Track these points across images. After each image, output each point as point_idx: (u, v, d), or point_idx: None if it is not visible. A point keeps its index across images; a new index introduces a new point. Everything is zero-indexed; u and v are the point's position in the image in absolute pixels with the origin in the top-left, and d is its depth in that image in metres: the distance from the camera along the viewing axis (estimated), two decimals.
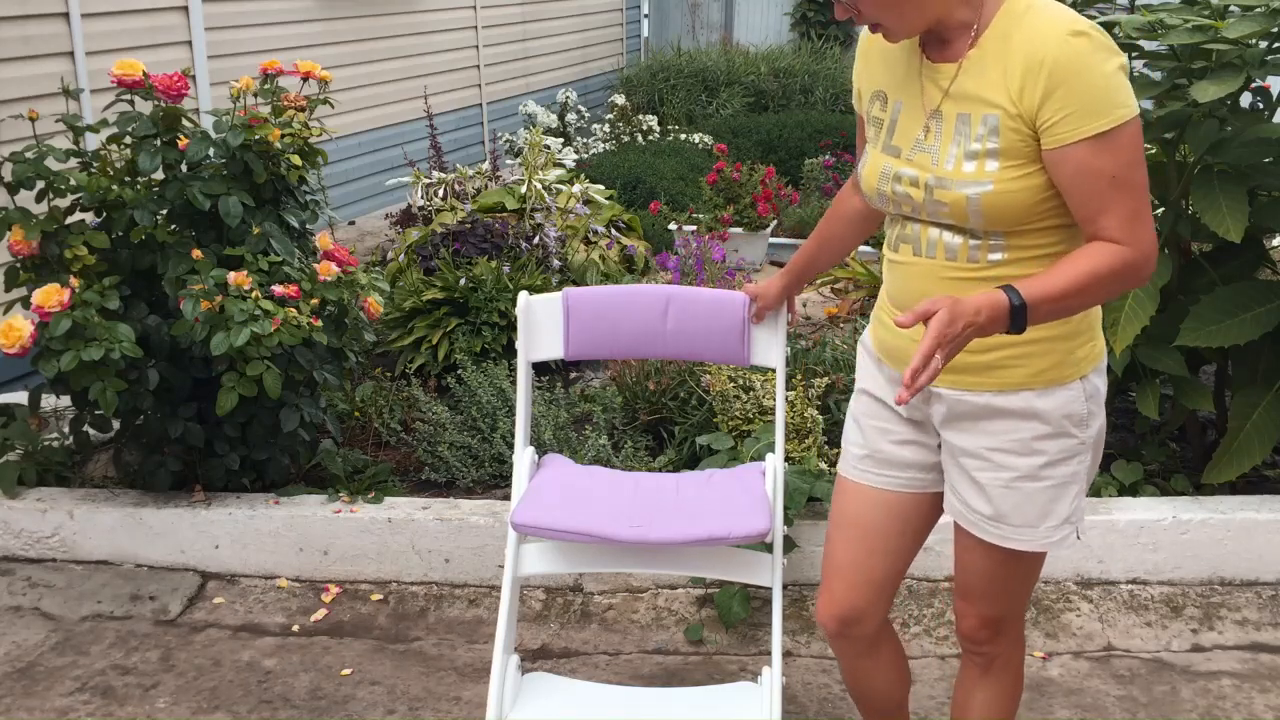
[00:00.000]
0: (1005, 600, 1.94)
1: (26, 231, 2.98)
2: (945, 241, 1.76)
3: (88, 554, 3.22)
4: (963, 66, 1.71)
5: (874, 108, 1.86)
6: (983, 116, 1.68)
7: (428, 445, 3.48)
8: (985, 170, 1.68)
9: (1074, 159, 1.62)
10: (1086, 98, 1.59)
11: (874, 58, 1.88)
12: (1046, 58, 1.60)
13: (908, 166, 1.77)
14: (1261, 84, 3.03)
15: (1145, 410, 3.10)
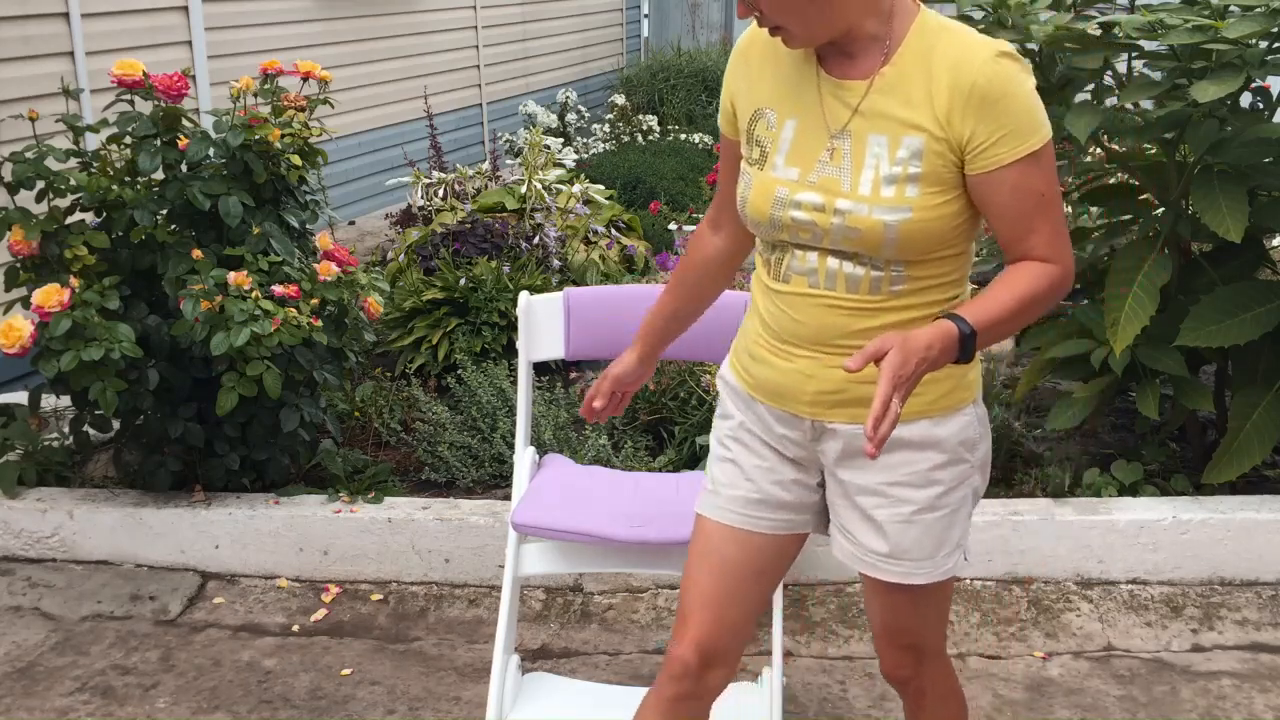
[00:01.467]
0: (921, 631, 1.85)
1: (26, 231, 2.98)
2: (847, 273, 1.66)
3: (88, 554, 3.22)
4: (875, 84, 1.61)
5: (757, 127, 1.72)
6: (903, 139, 1.59)
7: (428, 445, 3.48)
8: (905, 196, 1.59)
9: (1010, 180, 1.57)
10: (1020, 119, 1.56)
11: (755, 73, 1.74)
12: (977, 80, 1.55)
13: (810, 191, 1.65)
14: (1261, 84, 3.03)
15: (1145, 410, 3.10)
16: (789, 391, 1.75)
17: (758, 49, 1.74)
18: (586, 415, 2.04)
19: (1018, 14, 2.95)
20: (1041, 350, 3.37)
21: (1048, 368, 3.35)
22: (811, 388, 1.72)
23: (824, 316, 1.70)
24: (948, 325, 1.55)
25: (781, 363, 1.75)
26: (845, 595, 3.02)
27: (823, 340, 1.70)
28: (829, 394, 1.71)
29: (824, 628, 2.92)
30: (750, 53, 1.75)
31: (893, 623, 1.84)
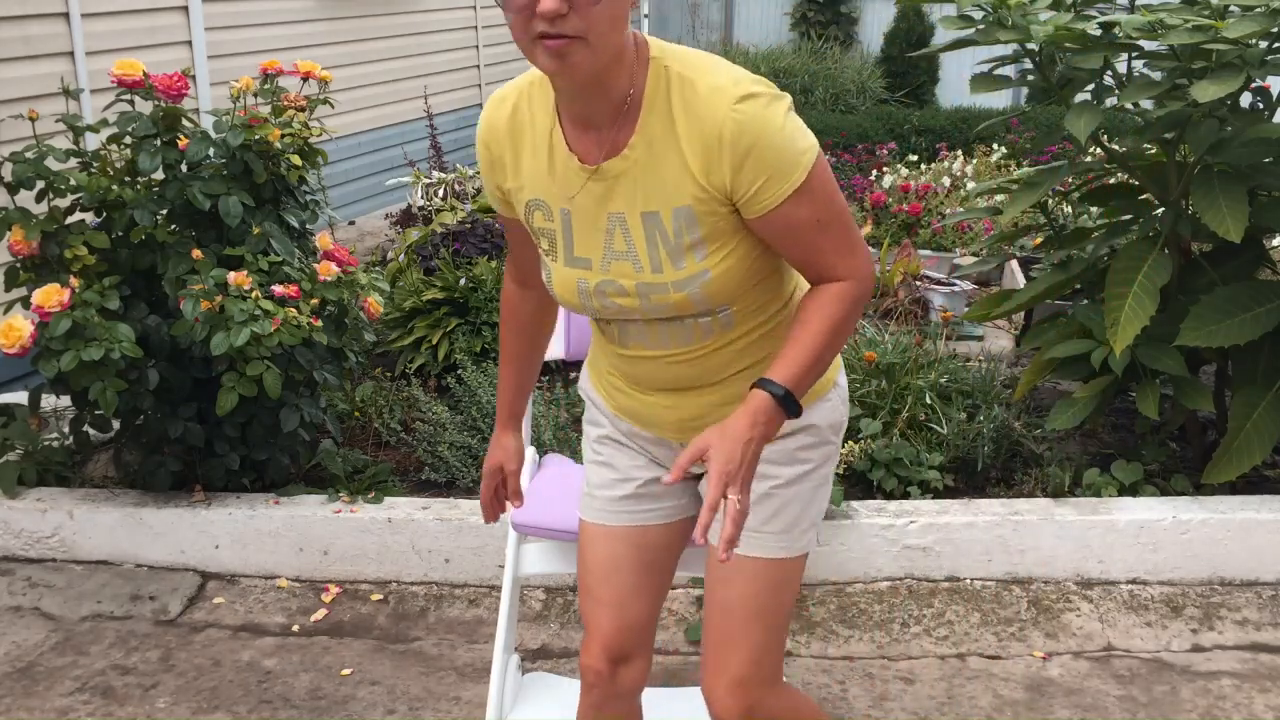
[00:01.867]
0: (764, 633, 1.75)
1: (26, 231, 2.98)
2: (676, 332, 1.65)
3: (88, 554, 3.22)
4: (625, 161, 1.54)
5: (534, 218, 1.66)
6: (673, 210, 1.54)
7: (428, 445, 3.48)
8: (697, 262, 1.56)
9: (780, 219, 1.53)
10: (775, 160, 1.49)
11: (510, 164, 1.65)
12: (724, 133, 1.47)
13: (607, 278, 1.61)
14: (1261, 84, 3.03)
15: (1145, 410, 3.10)
16: (652, 420, 1.77)
17: (499, 140, 1.65)
18: (490, 520, 2.01)
19: (1018, 14, 2.95)
20: (1041, 350, 3.37)
21: (1048, 368, 3.35)
22: (673, 416, 1.75)
23: (670, 370, 1.70)
24: (761, 396, 1.53)
25: (641, 396, 1.77)
26: (845, 595, 3.03)
27: (676, 386, 1.72)
28: (691, 419, 1.73)
29: (824, 628, 2.92)
30: (498, 146, 1.65)
31: (742, 619, 1.75)
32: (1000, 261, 4.65)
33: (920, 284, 4.75)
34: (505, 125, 1.63)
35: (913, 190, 5.68)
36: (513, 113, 1.62)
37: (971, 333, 4.60)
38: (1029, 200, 3.17)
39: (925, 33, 9.91)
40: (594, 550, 1.86)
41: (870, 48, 10.80)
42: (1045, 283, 3.43)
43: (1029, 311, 4.20)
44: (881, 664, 2.79)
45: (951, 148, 7.30)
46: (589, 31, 1.40)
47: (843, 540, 3.04)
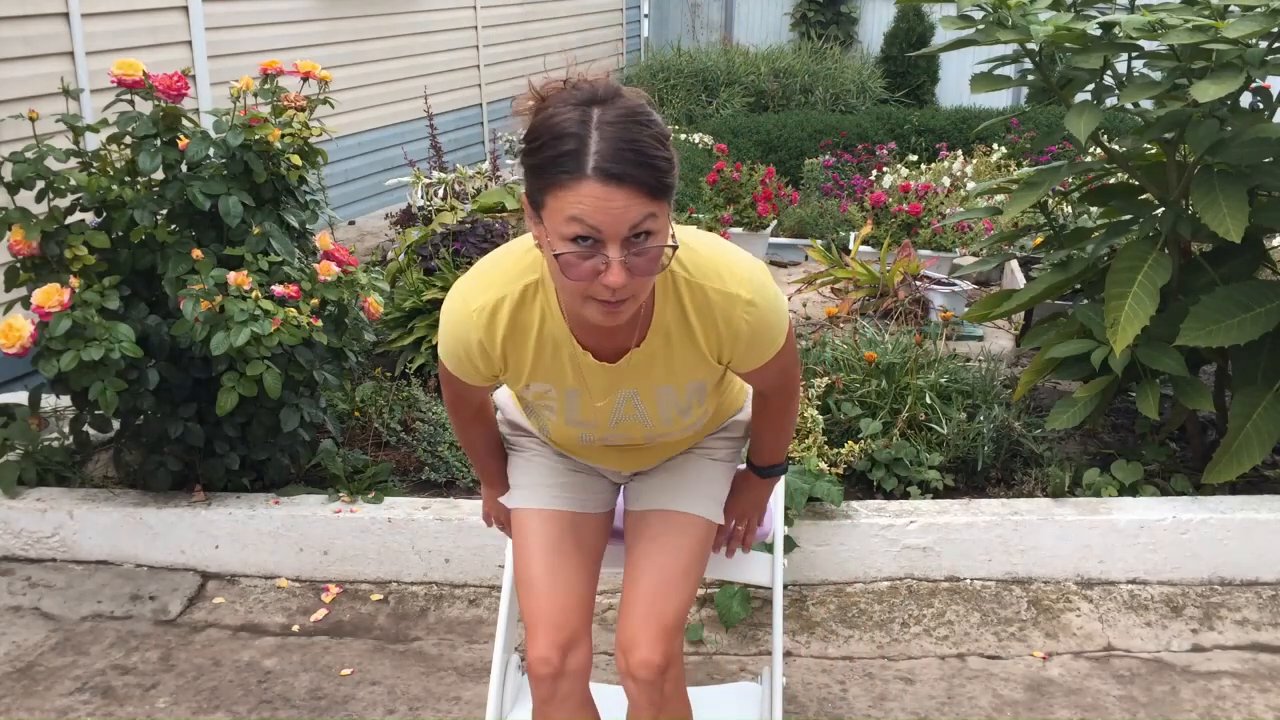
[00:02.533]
0: (689, 589, 1.95)
1: (26, 231, 2.98)
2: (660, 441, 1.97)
3: (88, 554, 3.22)
4: (641, 355, 1.74)
5: (532, 394, 1.85)
6: (687, 386, 1.82)
7: (428, 445, 3.48)
8: (700, 407, 1.90)
9: (760, 372, 1.85)
10: (768, 343, 1.78)
11: (514, 358, 1.77)
12: (739, 331, 1.73)
13: (613, 433, 1.89)
14: (1261, 84, 3.03)
15: (1145, 410, 3.10)
16: (602, 469, 2.06)
17: (494, 343, 1.74)
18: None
19: (1018, 14, 2.95)
20: (1041, 350, 3.37)
21: (1048, 368, 3.34)
22: (617, 463, 2.03)
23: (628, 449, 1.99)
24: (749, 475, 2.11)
25: (589, 454, 2.02)
26: (845, 595, 3.02)
27: (629, 452, 2.00)
28: (637, 462, 2.03)
29: (824, 628, 2.92)
30: (488, 347, 1.74)
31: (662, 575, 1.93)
32: (1000, 261, 4.65)
33: (920, 284, 4.75)
34: (504, 329, 1.73)
35: (913, 190, 5.68)
36: (511, 319, 1.72)
37: (971, 333, 4.60)
38: (1029, 200, 3.17)
39: (925, 33, 9.91)
40: (535, 537, 1.98)
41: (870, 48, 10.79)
42: (1045, 283, 3.43)
43: (1029, 311, 4.20)
44: (881, 664, 2.79)
45: (951, 148, 7.30)
46: (637, 290, 1.56)
47: (843, 540, 3.04)
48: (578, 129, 1.47)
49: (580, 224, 1.47)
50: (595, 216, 1.46)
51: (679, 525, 1.99)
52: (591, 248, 1.49)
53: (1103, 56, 3.00)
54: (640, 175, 1.46)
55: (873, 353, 3.61)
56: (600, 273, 1.50)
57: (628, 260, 1.49)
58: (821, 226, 5.85)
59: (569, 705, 1.93)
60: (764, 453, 2.08)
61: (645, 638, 1.88)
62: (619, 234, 1.48)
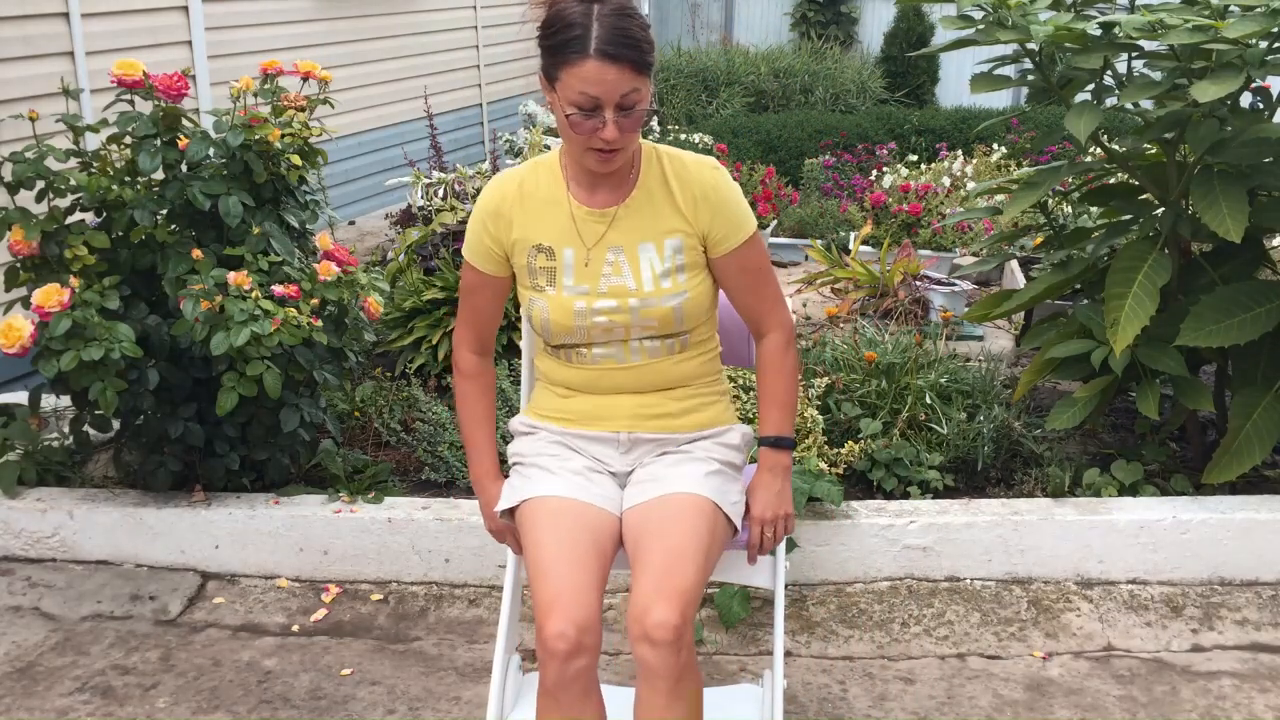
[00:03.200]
0: (702, 568, 1.97)
1: (26, 231, 2.98)
2: (647, 347, 2.13)
3: (88, 554, 3.22)
4: (627, 208, 2.08)
5: (537, 260, 2.11)
6: (666, 241, 2.09)
7: (428, 445, 3.48)
8: (679, 282, 2.09)
9: (738, 258, 2.12)
10: (737, 213, 2.11)
11: (518, 222, 2.11)
12: (708, 190, 2.09)
13: (604, 299, 2.09)
14: (1261, 84, 3.03)
15: (1145, 410, 3.10)
16: (605, 412, 2.17)
17: (509, 203, 2.12)
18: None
19: (1018, 14, 2.95)
20: (1041, 350, 3.37)
21: (1048, 368, 3.35)
22: (626, 405, 2.16)
23: (633, 378, 2.15)
24: (765, 451, 2.19)
25: (597, 397, 2.17)
26: (845, 595, 3.02)
27: (635, 388, 2.16)
28: (641, 407, 2.16)
29: (824, 628, 2.92)
30: (506, 208, 2.12)
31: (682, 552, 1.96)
32: (1000, 261, 4.65)
33: (920, 284, 4.75)
34: (514, 191, 2.13)
35: (913, 190, 5.68)
36: (520, 184, 2.13)
37: (971, 333, 4.60)
38: (1029, 200, 3.17)
39: (925, 33, 9.91)
40: (546, 522, 2.05)
41: (870, 48, 10.79)
42: (1045, 283, 3.43)
43: (1029, 311, 4.20)
44: (881, 664, 2.79)
45: (951, 148, 7.30)
46: (626, 144, 1.98)
47: (843, 540, 3.04)
48: (582, 19, 1.90)
49: (584, 95, 1.91)
50: (596, 87, 1.90)
51: (684, 505, 2.05)
52: (592, 111, 1.92)
53: (1103, 56, 2.99)
54: (630, 55, 1.90)
55: (873, 353, 3.61)
56: (599, 130, 1.93)
57: (618, 120, 1.93)
58: (821, 226, 5.85)
59: (579, 686, 1.92)
60: (769, 416, 2.19)
61: (660, 600, 1.89)
62: (613, 100, 1.91)
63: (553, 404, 2.22)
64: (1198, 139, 2.91)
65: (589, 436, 2.17)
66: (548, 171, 2.14)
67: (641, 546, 2.01)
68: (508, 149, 7.59)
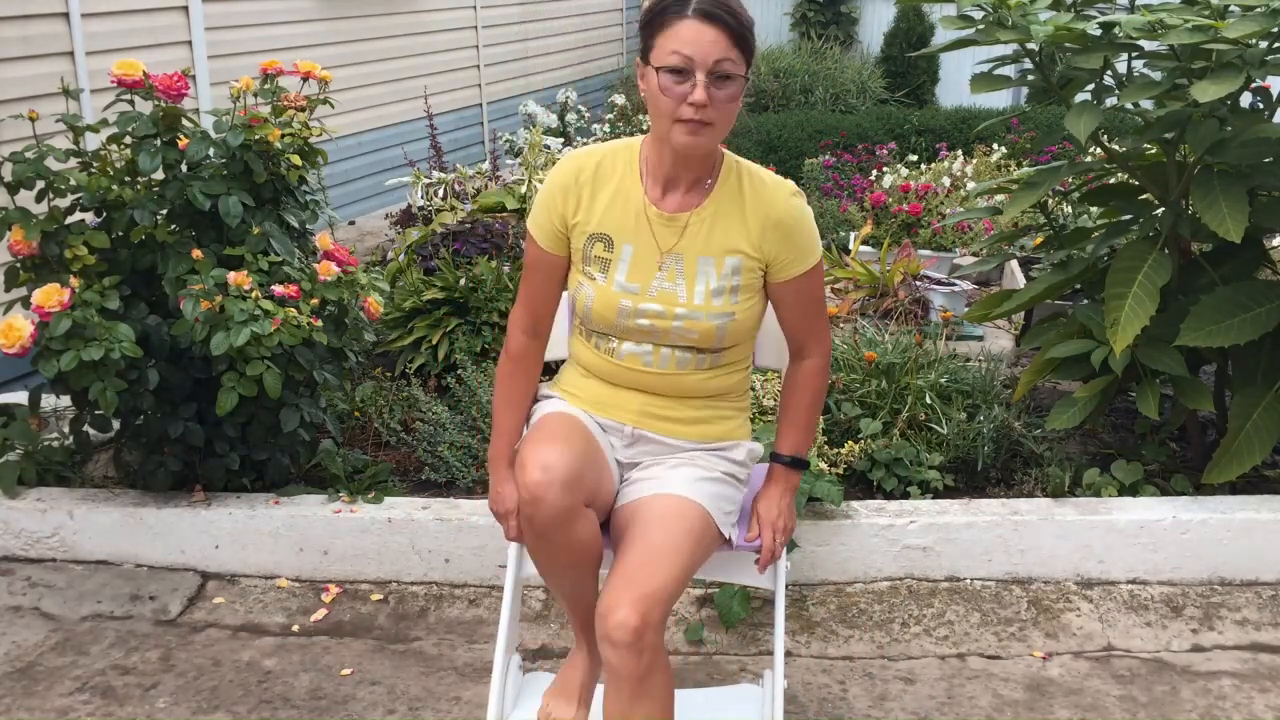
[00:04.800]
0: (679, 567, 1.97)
1: (26, 231, 2.98)
2: (678, 357, 2.12)
3: (88, 554, 3.22)
4: (697, 217, 2.06)
5: (594, 248, 2.09)
6: (726, 260, 2.06)
7: (428, 445, 3.48)
8: (730, 303, 2.08)
9: (797, 286, 2.10)
10: (806, 243, 2.08)
11: (586, 203, 2.09)
12: (782, 216, 2.06)
13: (651, 302, 2.07)
14: (1261, 84, 3.03)
15: (1145, 410, 3.10)
16: (616, 402, 2.17)
17: (585, 181, 2.10)
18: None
19: (1018, 14, 2.95)
20: (1041, 350, 3.37)
21: (1048, 368, 3.35)
22: (637, 403, 2.16)
23: (654, 381, 2.14)
24: (778, 468, 2.21)
25: (610, 385, 2.17)
26: (845, 595, 3.02)
27: (650, 390, 2.15)
28: (651, 407, 2.15)
29: (824, 628, 2.92)
30: (577, 186, 2.10)
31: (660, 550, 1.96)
32: (1000, 261, 4.65)
33: (920, 284, 4.75)
34: (590, 171, 2.10)
35: (913, 190, 5.68)
36: (597, 166, 2.10)
37: (971, 333, 4.60)
38: (1029, 200, 3.17)
39: (925, 33, 9.91)
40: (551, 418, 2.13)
41: (870, 48, 10.79)
42: (1045, 283, 3.43)
43: (1029, 311, 4.20)
44: (881, 664, 2.79)
45: (951, 148, 7.30)
46: (717, 120, 1.95)
47: (843, 540, 3.04)
48: None
49: (678, 54, 1.90)
50: (690, 47, 1.89)
51: (672, 507, 2.05)
52: (684, 76, 1.91)
53: (1103, 56, 3.00)
54: (728, 20, 1.90)
55: (873, 353, 3.61)
56: (689, 95, 1.90)
57: (710, 87, 1.90)
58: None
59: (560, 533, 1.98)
60: (788, 436, 2.20)
61: (624, 601, 1.90)
62: (706, 64, 1.90)
63: (572, 380, 2.23)
64: (1198, 139, 2.91)
65: (599, 420, 2.19)
66: (626, 160, 2.11)
67: (623, 543, 2.03)
68: (508, 149, 7.59)
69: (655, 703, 1.95)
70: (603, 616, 1.91)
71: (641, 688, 1.92)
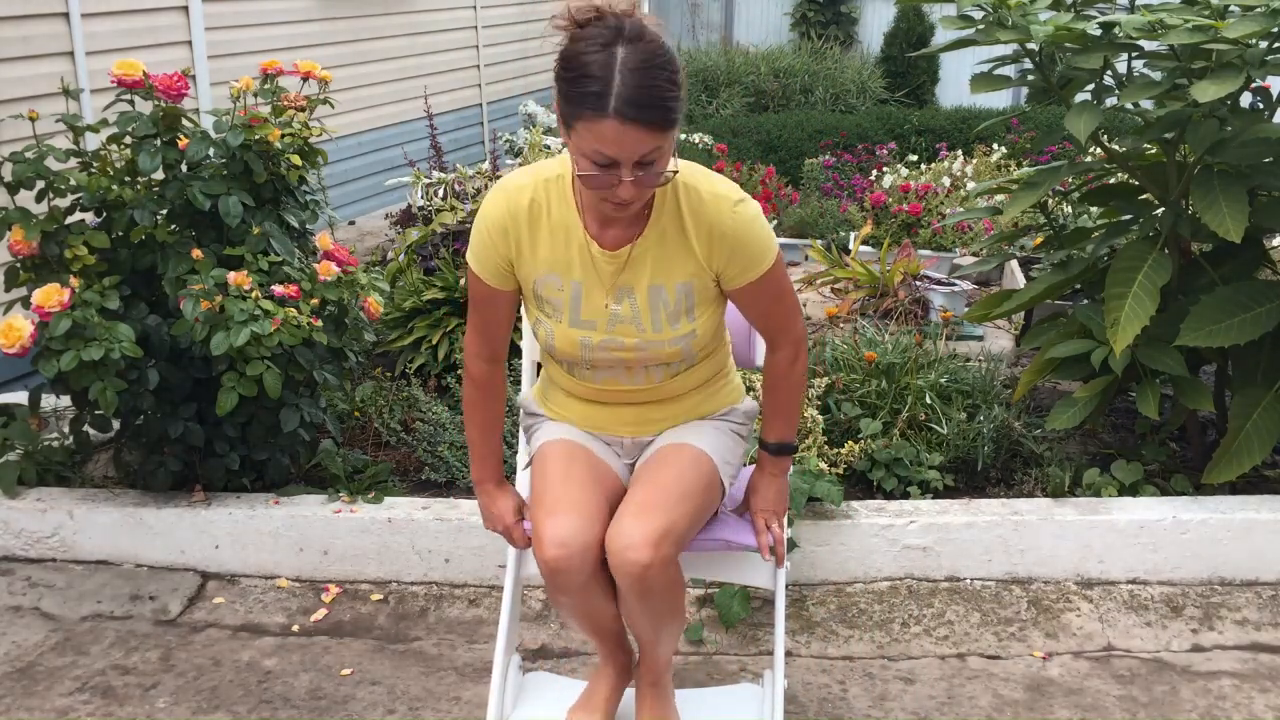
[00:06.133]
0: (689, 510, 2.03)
1: (26, 231, 2.98)
2: (650, 371, 2.10)
3: (88, 554, 3.22)
4: (640, 248, 1.98)
5: (543, 289, 2.04)
6: (676, 286, 2.01)
7: (428, 445, 3.48)
8: (689, 323, 2.04)
9: (752, 290, 2.03)
10: (755, 251, 1.99)
11: (527, 244, 2.01)
12: (726, 230, 1.96)
13: (609, 336, 2.04)
14: (1261, 84, 3.03)
15: (1145, 410, 3.10)
16: (608, 419, 2.18)
17: (519, 223, 2.00)
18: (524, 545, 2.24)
19: (1018, 14, 2.95)
20: (1041, 350, 3.37)
21: (1048, 368, 3.35)
22: (630, 416, 2.16)
23: (632, 396, 2.14)
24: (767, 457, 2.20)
25: (601, 407, 2.17)
26: (845, 595, 3.02)
27: (637, 401, 2.15)
28: (645, 417, 2.17)
29: (824, 628, 2.92)
30: (515, 226, 2.00)
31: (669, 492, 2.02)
32: (1000, 261, 4.65)
33: (920, 284, 4.75)
34: (525, 212, 2.00)
35: (913, 190, 5.68)
36: (530, 203, 2.00)
37: (971, 333, 4.60)
38: (1029, 200, 3.17)
39: (925, 33, 9.91)
40: (554, 461, 2.11)
41: (870, 48, 10.79)
42: (1045, 283, 3.43)
43: (1029, 311, 4.20)
44: (881, 664, 2.79)
45: (951, 148, 7.30)
46: (643, 198, 1.88)
47: (843, 540, 3.04)
48: (603, 72, 1.73)
49: (601, 153, 1.78)
50: (613, 148, 1.77)
51: (680, 453, 2.09)
52: (609, 168, 1.80)
53: (1103, 56, 2.99)
54: (653, 116, 1.75)
55: (873, 353, 3.61)
56: (614, 186, 1.82)
57: (637, 177, 1.80)
58: (821, 226, 5.85)
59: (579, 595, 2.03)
60: (774, 425, 2.19)
61: (633, 538, 1.93)
62: (631, 160, 1.78)
63: (558, 401, 2.24)
64: (1198, 139, 2.91)
65: (593, 435, 2.21)
66: (559, 193, 2.00)
67: (633, 486, 2.09)
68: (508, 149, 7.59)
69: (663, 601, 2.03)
70: (616, 542, 1.95)
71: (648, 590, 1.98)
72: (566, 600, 2.07)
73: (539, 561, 1.99)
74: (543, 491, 2.07)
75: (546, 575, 1.99)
